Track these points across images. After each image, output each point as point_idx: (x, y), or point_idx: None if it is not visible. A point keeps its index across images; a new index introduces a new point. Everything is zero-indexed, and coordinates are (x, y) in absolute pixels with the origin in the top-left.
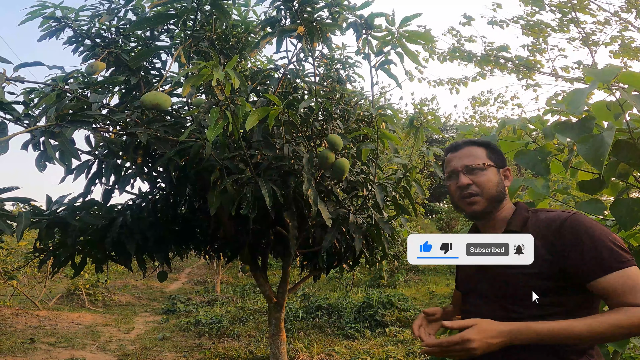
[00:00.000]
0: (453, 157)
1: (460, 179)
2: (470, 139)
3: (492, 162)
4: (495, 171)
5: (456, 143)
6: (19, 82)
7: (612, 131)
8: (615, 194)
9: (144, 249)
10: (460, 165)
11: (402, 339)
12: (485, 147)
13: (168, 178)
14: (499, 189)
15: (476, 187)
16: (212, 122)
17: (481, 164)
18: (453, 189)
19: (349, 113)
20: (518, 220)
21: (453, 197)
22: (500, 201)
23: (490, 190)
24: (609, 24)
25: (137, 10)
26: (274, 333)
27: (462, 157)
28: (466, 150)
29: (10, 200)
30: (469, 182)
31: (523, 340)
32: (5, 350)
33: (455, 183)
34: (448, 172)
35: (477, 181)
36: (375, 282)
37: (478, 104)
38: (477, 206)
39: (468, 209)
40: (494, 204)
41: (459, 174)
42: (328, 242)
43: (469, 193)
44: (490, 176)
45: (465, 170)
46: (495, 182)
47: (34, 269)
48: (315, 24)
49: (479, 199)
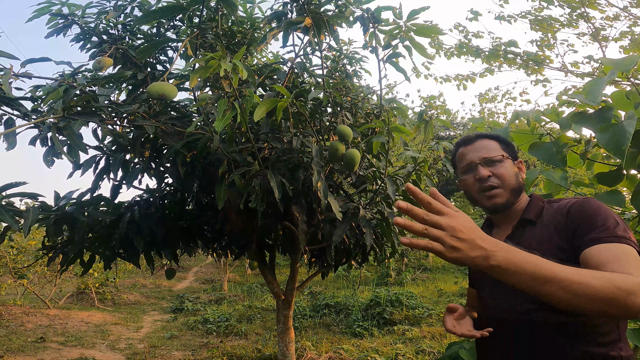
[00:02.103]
0: (467, 151)
1: (480, 171)
2: (482, 132)
3: (507, 154)
4: (511, 163)
5: (468, 136)
6: (26, 77)
7: (634, 120)
8: (632, 187)
9: (152, 245)
10: (477, 158)
11: (410, 337)
12: (497, 140)
13: (175, 173)
14: (518, 180)
15: (496, 179)
16: (220, 113)
17: (499, 155)
18: (471, 182)
19: (356, 107)
20: (533, 210)
21: (471, 191)
22: (520, 192)
23: (510, 182)
24: (618, 20)
25: (143, 7)
26: (282, 331)
27: (477, 150)
28: (480, 143)
29: (18, 196)
30: (489, 174)
31: (498, 258)
32: (16, 349)
33: (473, 176)
34: (464, 166)
35: (497, 173)
36: (382, 280)
37: (486, 101)
38: (499, 199)
39: (488, 202)
40: (515, 196)
41: (477, 167)
42: (338, 237)
43: (490, 185)
44: (509, 167)
45: (483, 162)
46: (514, 174)
47: (44, 268)
48: (322, 16)
49: (501, 191)
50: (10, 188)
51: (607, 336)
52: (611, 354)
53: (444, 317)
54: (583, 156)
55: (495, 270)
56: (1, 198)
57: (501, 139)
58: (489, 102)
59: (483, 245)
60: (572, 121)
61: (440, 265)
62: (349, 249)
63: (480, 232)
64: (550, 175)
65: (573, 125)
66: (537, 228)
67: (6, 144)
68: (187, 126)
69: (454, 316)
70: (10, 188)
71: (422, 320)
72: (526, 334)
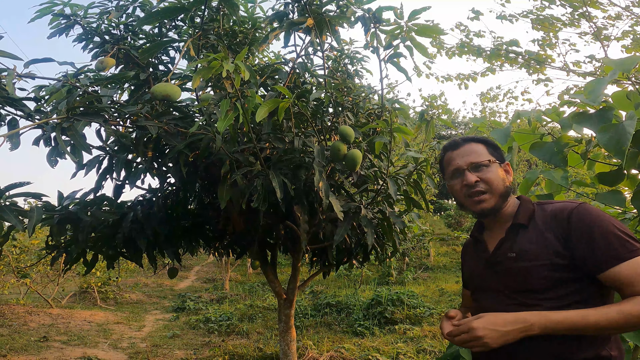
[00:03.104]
0: (455, 155)
1: (467, 176)
2: (469, 136)
3: (494, 157)
4: (498, 166)
5: (454, 141)
6: (29, 78)
7: (634, 120)
8: (633, 187)
9: (155, 245)
10: (464, 163)
11: (412, 337)
12: (484, 144)
13: (178, 173)
14: (505, 184)
15: (484, 184)
16: (222, 113)
17: (486, 160)
18: (458, 188)
19: (358, 107)
20: (524, 213)
21: (458, 196)
22: (507, 196)
23: (498, 186)
24: (620, 19)
25: (145, 7)
26: (284, 330)
27: (464, 154)
28: (467, 148)
29: (22, 196)
30: (476, 180)
31: (536, 328)
32: (19, 348)
33: (460, 181)
34: (451, 170)
35: (484, 178)
36: (384, 280)
37: (487, 100)
38: (486, 204)
39: (476, 207)
40: (502, 199)
41: (464, 172)
42: (340, 236)
43: (477, 191)
44: (496, 172)
45: (470, 167)
46: (501, 178)
47: (46, 267)
48: (324, 17)
49: (488, 196)
50: (14, 188)
51: (597, 337)
52: (602, 354)
53: (441, 322)
54: (584, 156)
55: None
56: (5, 198)
57: (488, 142)
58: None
59: (514, 327)
60: (573, 121)
61: (441, 265)
62: (350, 248)
63: (501, 320)
64: (551, 175)
65: (574, 125)
66: (530, 231)
67: (10, 144)
68: (190, 126)
69: (451, 322)
70: (14, 188)
71: (423, 320)
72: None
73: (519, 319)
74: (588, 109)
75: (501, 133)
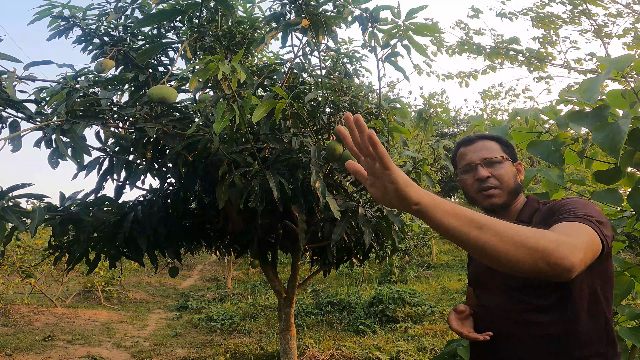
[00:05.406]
0: (468, 151)
1: (479, 171)
2: (483, 134)
3: (507, 155)
4: (510, 164)
5: (469, 137)
6: (29, 80)
7: (628, 119)
8: (631, 185)
9: (156, 244)
10: (477, 158)
11: (413, 335)
12: (498, 142)
13: (177, 173)
14: (516, 181)
15: (495, 180)
16: (219, 115)
17: (499, 156)
18: (470, 183)
19: (356, 106)
20: (528, 211)
21: (469, 190)
22: (517, 193)
23: (509, 183)
24: (621, 16)
25: (144, 8)
26: (284, 328)
27: (477, 150)
28: (481, 144)
29: (24, 197)
30: (488, 175)
31: (434, 200)
32: (24, 347)
33: (472, 176)
34: (463, 165)
35: (496, 174)
36: (385, 278)
37: (489, 97)
38: (496, 199)
39: (486, 202)
40: (513, 196)
41: (477, 167)
42: (337, 236)
43: (488, 186)
44: (508, 169)
45: (483, 163)
46: (513, 175)
47: (50, 267)
48: (320, 17)
49: (499, 191)
50: (16, 189)
51: (593, 335)
52: (599, 351)
53: (449, 315)
54: (581, 154)
55: (422, 211)
56: (8, 199)
57: (502, 140)
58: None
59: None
60: (569, 120)
61: (444, 263)
62: (349, 247)
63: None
64: (547, 174)
65: (570, 123)
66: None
67: (11, 146)
68: (189, 127)
69: (459, 317)
70: (16, 189)
71: (424, 318)
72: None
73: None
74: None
75: (499, 131)
